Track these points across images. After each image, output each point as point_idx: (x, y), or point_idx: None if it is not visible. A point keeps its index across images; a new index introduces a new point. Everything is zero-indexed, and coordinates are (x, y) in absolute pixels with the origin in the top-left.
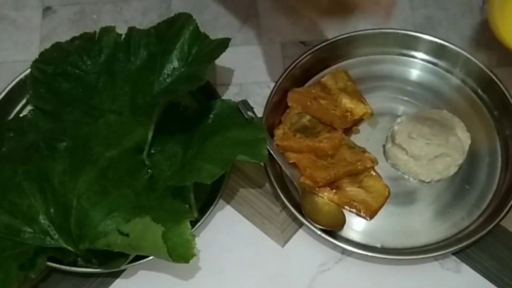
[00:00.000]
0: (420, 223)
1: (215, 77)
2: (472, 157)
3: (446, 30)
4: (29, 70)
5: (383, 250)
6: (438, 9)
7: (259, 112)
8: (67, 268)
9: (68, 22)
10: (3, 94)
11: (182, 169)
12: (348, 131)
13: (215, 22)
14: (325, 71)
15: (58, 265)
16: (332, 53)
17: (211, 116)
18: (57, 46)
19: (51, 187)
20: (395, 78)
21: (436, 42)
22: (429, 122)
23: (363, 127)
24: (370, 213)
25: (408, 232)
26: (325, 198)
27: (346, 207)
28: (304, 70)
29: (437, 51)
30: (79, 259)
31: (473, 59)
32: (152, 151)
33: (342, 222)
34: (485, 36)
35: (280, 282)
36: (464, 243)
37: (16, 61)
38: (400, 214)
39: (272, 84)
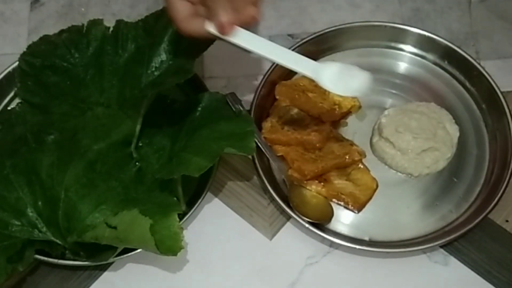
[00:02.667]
0: (408, 216)
1: (203, 70)
2: (460, 150)
3: (434, 23)
4: (17, 63)
5: (371, 243)
6: (426, 2)
7: (247, 105)
8: (55, 261)
9: (56, 15)
10: None
11: (170, 162)
12: (336, 124)
13: None
14: None
15: (46, 258)
16: (320, 46)
17: (199, 109)
18: (45, 39)
19: (39, 180)
20: (383, 71)
21: (424, 35)
22: (417, 115)
23: (351, 120)
24: (358, 206)
25: (396, 225)
26: (313, 191)
27: (334, 200)
28: None
29: (425, 44)
30: (67, 252)
31: (461, 52)
32: (140, 144)
33: (330, 215)
34: (473, 29)
35: (268, 275)
36: (452, 236)
37: (4, 54)
38: (388, 207)
39: (260, 77)
